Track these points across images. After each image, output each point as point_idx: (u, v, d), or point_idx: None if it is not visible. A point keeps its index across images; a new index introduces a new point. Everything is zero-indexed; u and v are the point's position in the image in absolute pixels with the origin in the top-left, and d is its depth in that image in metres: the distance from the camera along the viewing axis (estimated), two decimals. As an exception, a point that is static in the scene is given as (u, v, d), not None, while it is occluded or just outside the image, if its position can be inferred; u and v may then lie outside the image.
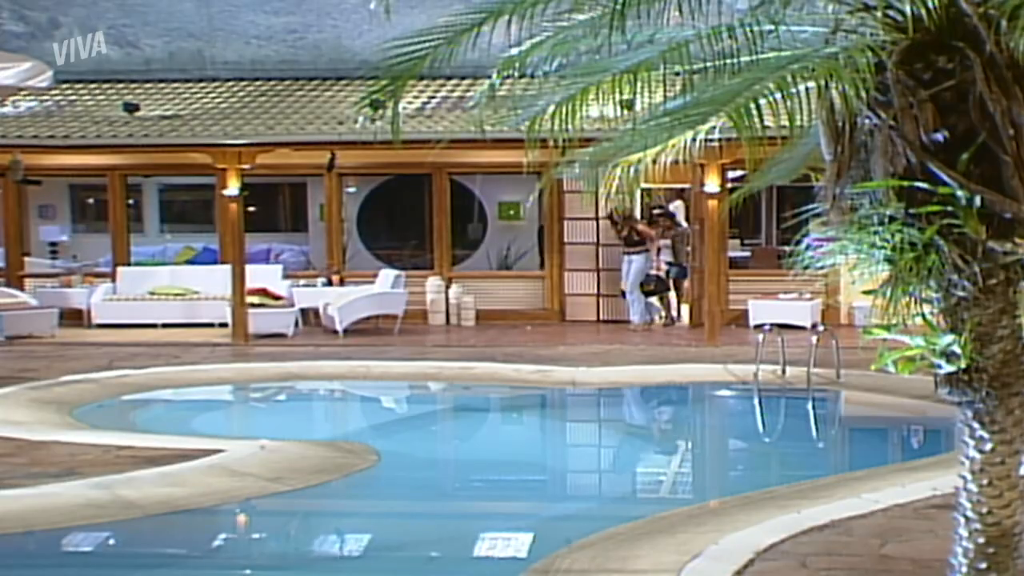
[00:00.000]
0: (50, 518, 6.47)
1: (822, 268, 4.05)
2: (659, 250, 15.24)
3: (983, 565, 4.10)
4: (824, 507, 6.31)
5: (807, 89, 3.80)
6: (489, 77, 4.52)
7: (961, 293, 3.94)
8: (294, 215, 19.56)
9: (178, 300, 15.65)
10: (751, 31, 3.80)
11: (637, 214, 15.33)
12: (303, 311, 15.41)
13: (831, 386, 10.53)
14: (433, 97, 15.62)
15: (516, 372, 11.51)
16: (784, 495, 6.77)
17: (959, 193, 3.75)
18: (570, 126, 4.08)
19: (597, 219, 15.65)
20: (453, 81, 16.27)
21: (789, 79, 3.66)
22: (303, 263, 17.79)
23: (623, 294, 15.16)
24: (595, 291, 15.87)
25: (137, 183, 18.77)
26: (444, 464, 9.00)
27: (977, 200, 3.75)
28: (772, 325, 11.36)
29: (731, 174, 14.93)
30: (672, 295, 15.64)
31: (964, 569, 4.14)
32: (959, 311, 3.97)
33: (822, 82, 3.71)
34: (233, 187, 14.09)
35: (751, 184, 5.44)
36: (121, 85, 17.04)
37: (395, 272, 15.33)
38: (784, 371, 10.82)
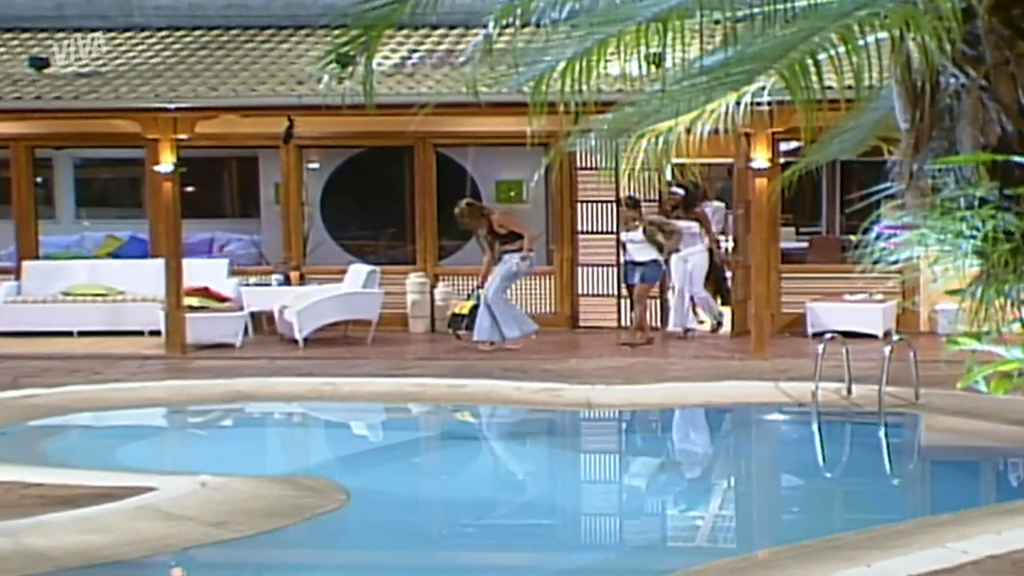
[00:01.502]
0: (-60, 572, 6.47)
1: (897, 263, 4.05)
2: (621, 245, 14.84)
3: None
4: (901, 559, 6.31)
5: (878, 41, 3.80)
6: (485, 27, 4.52)
7: (1069, 294, 3.94)
8: (243, 197, 19.55)
9: (99, 302, 15.64)
10: (809, -31, 3.81)
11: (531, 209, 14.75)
12: (254, 316, 15.40)
13: (908, 409, 10.53)
14: (415, 51, 15.61)
15: (518, 391, 11.51)
16: (851, 544, 6.77)
17: (1066, 170, 3.76)
18: (585, 87, 4.09)
19: (618, 202, 15.65)
20: (440, 31, 16.25)
21: (855, 29, 3.66)
22: (254, 256, 17.78)
23: (473, 307, 14.38)
24: (615, 291, 15.86)
25: (47, 157, 18.75)
26: (429, 505, 9.00)
27: (1089, 178, 3.76)
28: (835, 333, 11.36)
29: (784, 146, 14.90)
30: (699, 302, 15.47)
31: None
32: (1066, 316, 3.97)
33: (896, 33, 3.71)
34: (167, 162, 14.08)
35: (808, 159, 5.44)
36: (27, 35, 17.03)
37: (368, 268, 15.32)
38: (850, 390, 10.82)
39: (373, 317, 14.98)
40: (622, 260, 15.08)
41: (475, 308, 14.12)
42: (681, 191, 15.11)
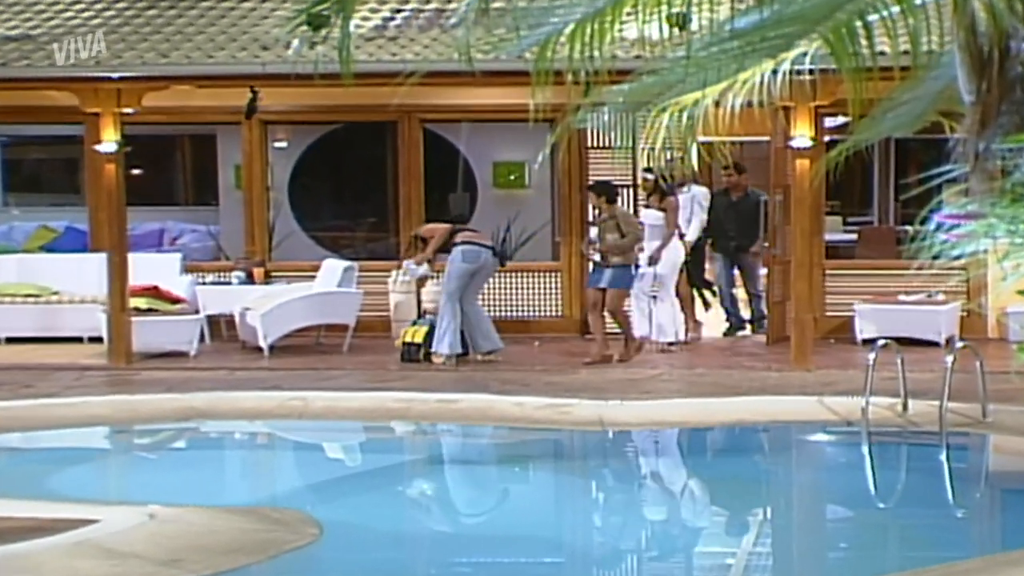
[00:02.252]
0: None
1: (960, 258, 4.06)
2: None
3: None
4: (964, 603, 6.32)
5: (937, 0, 3.81)
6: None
7: None
8: (198, 181, 19.55)
9: (30, 304, 15.63)
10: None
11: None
12: (211, 319, 15.40)
13: (974, 428, 10.52)
14: (400, 11, 15.60)
15: (518, 408, 11.50)
16: (906, 585, 6.78)
17: None
18: (597, 53, 4.09)
19: (635, 186, 15.64)
20: (428, -13, 16.25)
21: (912, -15, 3.67)
22: (211, 250, 17.78)
23: (427, 332, 14.19)
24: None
25: (-30, 135, 18.77)
26: (414, 541, 9.01)
27: None
28: (888, 340, 11.36)
29: (829, 122, 14.87)
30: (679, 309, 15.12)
31: None
32: None
33: (959, -11, 3.72)
34: (110, 140, 14.08)
35: (858, 136, 5.44)
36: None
37: (344, 263, 15.32)
38: (906, 406, 10.82)
39: (350, 321, 14.97)
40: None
41: (430, 333, 14.05)
42: (651, 176, 14.63)
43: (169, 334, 14.56)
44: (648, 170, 14.54)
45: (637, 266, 14.08)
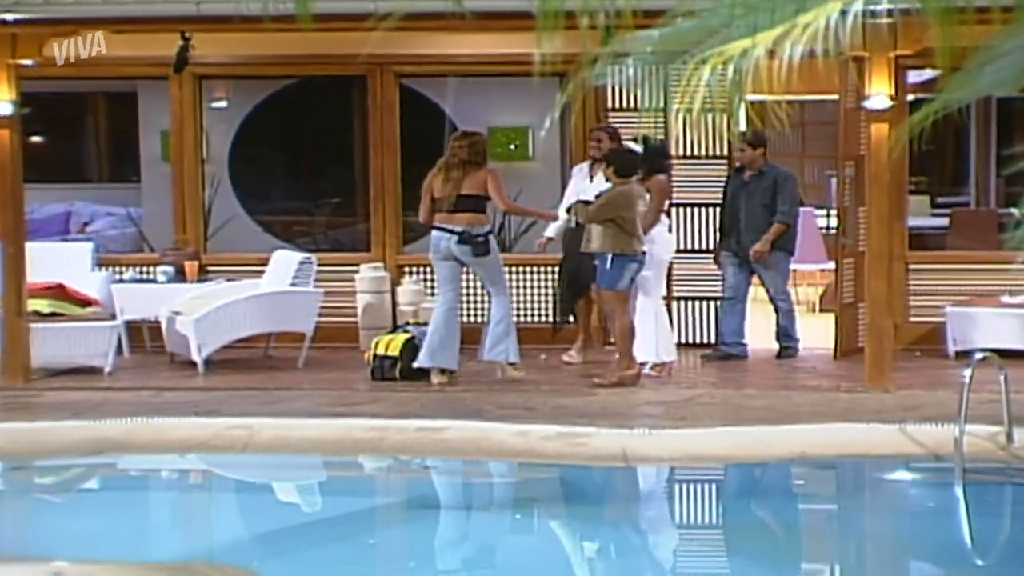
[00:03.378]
0: None
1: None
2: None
3: None
4: None
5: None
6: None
7: None
8: (114, 152, 19.57)
9: (-97, 307, 15.67)
10: None
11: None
12: (131, 326, 15.41)
13: (1096, 464, 10.56)
14: (369, -64, 15.64)
15: (521, 438, 11.51)
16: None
17: None
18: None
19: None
20: (405, -94, 16.29)
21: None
22: (132, 239, 17.80)
23: (406, 342, 14.11)
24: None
25: None
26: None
27: None
28: (988, 352, 11.38)
29: (913, 77, 14.88)
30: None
31: None
32: None
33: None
34: (3, 100, 14.09)
35: (948, 95, 5.45)
36: None
37: (300, 256, 15.33)
38: (1010, 436, 10.84)
39: (307, 329, 14.98)
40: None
41: (408, 344, 13.91)
42: (604, 133, 14.35)
43: (78, 345, 14.55)
44: (602, 129, 14.33)
45: (621, 257, 13.37)
